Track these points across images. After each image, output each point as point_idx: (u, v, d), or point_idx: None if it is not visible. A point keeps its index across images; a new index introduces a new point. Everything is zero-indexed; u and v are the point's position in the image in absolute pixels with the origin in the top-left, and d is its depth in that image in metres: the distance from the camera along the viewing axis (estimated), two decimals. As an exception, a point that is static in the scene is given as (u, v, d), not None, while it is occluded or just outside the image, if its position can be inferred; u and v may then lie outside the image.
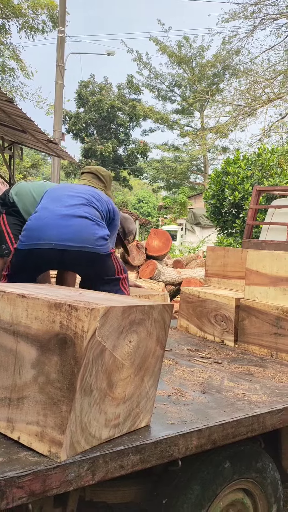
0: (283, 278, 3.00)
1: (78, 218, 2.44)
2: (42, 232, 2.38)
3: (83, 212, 2.47)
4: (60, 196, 2.58)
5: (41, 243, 2.36)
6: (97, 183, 2.96)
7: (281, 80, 18.07)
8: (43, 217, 2.44)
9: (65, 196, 2.58)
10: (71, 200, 2.53)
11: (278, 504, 2.14)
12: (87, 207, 2.52)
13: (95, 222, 2.50)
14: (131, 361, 1.54)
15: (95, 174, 3.00)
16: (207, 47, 22.71)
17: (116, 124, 25.31)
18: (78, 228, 2.41)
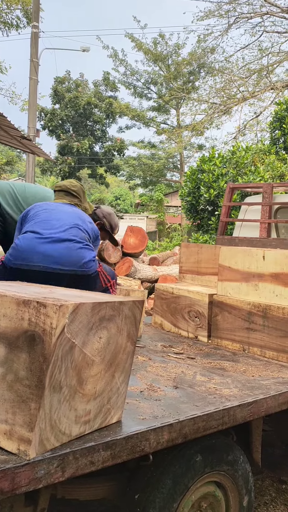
0: (254, 274, 3.05)
1: (66, 241, 2.50)
2: (30, 254, 2.43)
3: (71, 235, 2.54)
4: (48, 219, 2.62)
5: (30, 264, 2.43)
6: (70, 199, 2.97)
7: (255, 79, 18.30)
8: (32, 239, 2.49)
9: (53, 219, 2.62)
10: (59, 223, 2.59)
11: (249, 495, 2.18)
12: (75, 229, 2.59)
13: (83, 244, 2.57)
14: (102, 357, 1.54)
15: (66, 191, 3.00)
16: (183, 45, 22.77)
17: (93, 121, 25.17)
18: (67, 252, 2.47)
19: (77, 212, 2.81)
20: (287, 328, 2.79)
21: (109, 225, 3.45)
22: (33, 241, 2.48)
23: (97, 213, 3.47)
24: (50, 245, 2.47)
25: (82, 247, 2.57)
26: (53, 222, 2.60)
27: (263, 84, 18.22)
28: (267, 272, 2.98)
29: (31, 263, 2.43)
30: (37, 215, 2.69)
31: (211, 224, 9.50)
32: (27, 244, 2.48)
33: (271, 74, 18.65)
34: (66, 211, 2.76)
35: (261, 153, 10.99)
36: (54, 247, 2.47)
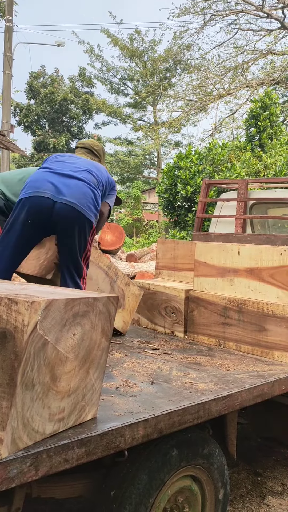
0: (230, 269, 3.07)
1: (76, 179, 2.60)
2: (42, 184, 2.54)
3: (82, 176, 2.63)
4: (62, 161, 2.75)
5: (39, 191, 2.52)
6: (92, 157, 3.05)
7: (231, 77, 18.44)
8: (43, 172, 2.64)
9: (67, 162, 2.74)
10: (72, 165, 2.70)
11: (225, 488, 2.20)
12: (87, 173, 2.67)
13: (91, 187, 2.65)
14: (76, 354, 1.52)
15: (89, 149, 3.09)
16: (159, 42, 22.71)
17: (69, 117, 24.90)
18: (75, 188, 2.56)
19: (94, 163, 2.88)
20: (262, 322, 2.83)
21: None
22: (44, 174, 2.61)
23: None
24: (60, 178, 2.57)
25: (91, 188, 2.64)
26: (66, 163, 2.71)
27: (239, 81, 18.38)
28: (242, 267, 3.01)
29: (39, 190, 2.52)
30: (52, 160, 2.82)
31: (188, 221, 9.54)
32: (38, 175, 2.61)
33: (246, 72, 18.83)
34: (83, 159, 2.86)
35: (237, 150, 11.09)
36: (63, 180, 2.57)
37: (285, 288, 2.79)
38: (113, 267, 3.28)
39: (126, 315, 3.26)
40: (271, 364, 2.65)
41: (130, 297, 3.35)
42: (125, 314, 3.26)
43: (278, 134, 11.36)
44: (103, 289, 3.18)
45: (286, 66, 17.94)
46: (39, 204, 2.50)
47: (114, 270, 3.31)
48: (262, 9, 17.12)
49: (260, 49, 18.84)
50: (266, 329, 2.82)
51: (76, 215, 2.53)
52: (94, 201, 2.64)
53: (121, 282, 3.31)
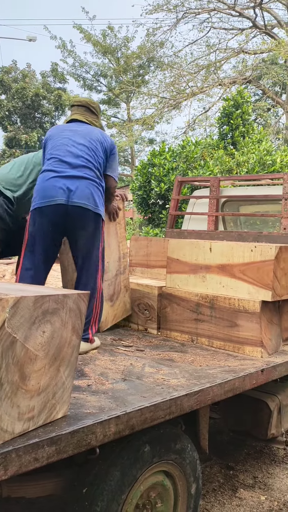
0: (202, 265, 3.10)
1: (81, 179, 2.68)
2: (53, 191, 2.63)
3: (85, 174, 2.70)
4: (63, 156, 2.75)
5: (53, 199, 2.62)
6: (90, 115, 3.05)
7: (203, 75, 18.55)
8: (52, 178, 2.68)
9: (68, 156, 2.75)
10: (74, 160, 2.73)
11: (197, 483, 2.22)
12: (89, 170, 2.73)
13: (95, 182, 2.73)
14: (45, 351, 1.51)
15: (86, 107, 3.06)
16: (132, 38, 22.68)
17: (41, 113, 24.61)
18: (81, 188, 2.65)
19: (92, 136, 2.87)
20: (233, 318, 2.86)
21: None
22: (52, 180, 2.67)
23: None
24: (67, 180, 2.65)
25: (95, 184, 2.72)
26: (68, 158, 2.73)
27: (211, 80, 18.52)
28: (214, 264, 3.04)
29: (54, 198, 2.62)
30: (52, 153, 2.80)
31: (162, 218, 9.57)
32: (47, 183, 2.67)
33: (219, 70, 18.99)
34: (80, 141, 2.82)
35: (210, 148, 11.19)
36: (71, 183, 2.65)
37: (255, 284, 2.83)
38: (126, 258, 3.33)
39: (110, 314, 3.26)
40: (242, 359, 2.69)
41: (121, 302, 3.36)
42: (110, 312, 3.26)
43: (250, 133, 11.52)
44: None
45: (258, 65, 18.18)
46: (56, 211, 2.63)
47: (125, 263, 3.34)
48: (234, 8, 17.29)
49: (232, 48, 19.03)
50: (237, 324, 2.85)
51: (89, 213, 2.66)
52: (100, 195, 2.76)
53: (123, 281, 3.35)
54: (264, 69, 17.81)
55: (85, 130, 2.91)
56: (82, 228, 2.70)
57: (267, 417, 2.88)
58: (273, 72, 17.26)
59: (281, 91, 19.82)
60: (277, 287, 2.82)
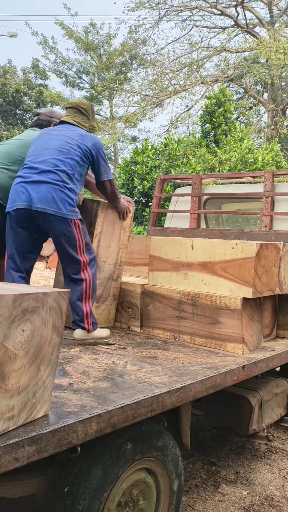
0: (184, 263, 3.11)
1: (44, 184, 2.71)
2: (18, 196, 2.72)
3: (49, 178, 2.73)
4: (33, 160, 2.82)
5: (19, 203, 2.72)
6: (79, 116, 3.06)
7: (186, 73, 18.59)
8: (16, 184, 2.79)
9: (37, 162, 2.80)
10: (43, 163, 2.77)
11: (179, 479, 2.23)
12: (54, 174, 2.74)
13: (59, 186, 2.73)
14: (25, 350, 1.49)
15: (76, 108, 3.09)
16: (114, 35, 22.56)
17: (23, 109, 24.32)
18: (43, 193, 2.69)
19: (66, 139, 2.88)
20: (215, 315, 2.88)
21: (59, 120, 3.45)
22: (18, 186, 2.77)
23: (44, 120, 3.48)
24: (30, 186, 2.72)
25: (58, 188, 2.73)
26: (36, 164, 2.79)
27: (194, 78, 18.58)
28: (196, 261, 3.05)
29: (19, 202, 2.71)
30: (29, 154, 2.91)
31: (145, 216, 9.58)
32: (14, 188, 2.78)
33: (201, 68, 19.05)
34: (52, 146, 2.84)
35: (193, 146, 11.23)
36: (33, 188, 2.71)
37: (237, 281, 2.85)
38: (122, 267, 3.40)
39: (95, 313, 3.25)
40: (224, 356, 2.71)
41: (106, 309, 3.35)
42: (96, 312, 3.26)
43: (232, 131, 11.60)
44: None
45: (240, 64, 18.30)
46: (21, 215, 2.73)
47: (119, 271, 3.36)
48: (216, 7, 17.37)
49: (215, 46, 19.13)
50: (219, 321, 2.87)
51: (52, 218, 2.69)
52: (65, 197, 2.74)
53: (113, 288, 3.37)
54: (246, 68, 17.94)
55: (64, 133, 2.92)
56: (51, 231, 2.78)
57: (248, 413, 2.91)
58: (254, 70, 17.39)
59: (263, 89, 19.99)
60: (258, 284, 2.84)
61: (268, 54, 15.56)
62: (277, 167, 10.30)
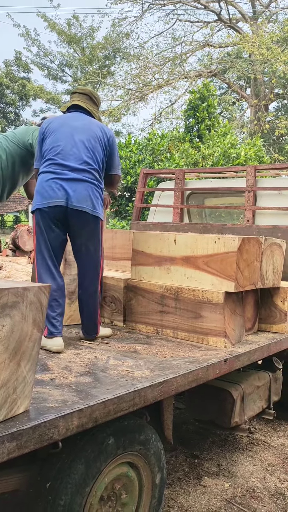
0: (166, 257, 3.11)
1: (81, 182, 2.69)
2: (54, 192, 2.65)
3: (85, 177, 2.71)
4: (63, 156, 2.73)
5: (54, 200, 2.65)
6: (91, 105, 3.00)
7: (169, 67, 18.57)
8: (51, 180, 2.69)
9: (68, 154, 2.73)
10: (77, 163, 2.72)
11: (162, 473, 2.24)
12: (88, 173, 2.73)
13: (94, 184, 2.74)
14: (5, 346, 1.47)
15: (89, 96, 3.01)
16: (97, 28, 22.41)
17: (5, 103, 24.02)
18: (80, 191, 2.67)
19: (91, 134, 2.82)
20: (197, 309, 2.89)
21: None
22: (51, 182, 2.68)
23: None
24: (67, 183, 2.67)
25: (93, 187, 2.74)
26: (67, 160, 2.72)
27: (177, 72, 18.57)
28: (179, 256, 3.05)
29: (55, 199, 2.64)
30: (54, 149, 2.77)
31: (128, 210, 9.56)
32: (47, 184, 2.69)
33: (185, 63, 19.05)
34: (80, 141, 2.78)
35: (176, 141, 11.23)
36: (70, 185, 2.66)
37: (219, 275, 2.87)
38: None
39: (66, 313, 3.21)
40: (206, 350, 2.72)
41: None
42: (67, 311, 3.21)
43: (215, 126, 11.62)
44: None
45: (223, 59, 18.33)
46: (56, 212, 2.66)
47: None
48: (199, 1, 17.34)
49: (198, 41, 19.12)
50: (201, 315, 2.88)
51: (87, 216, 2.69)
52: (98, 196, 2.78)
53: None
54: (229, 63, 18.00)
55: (85, 126, 2.83)
56: (81, 230, 2.73)
57: (230, 406, 2.94)
58: (237, 66, 17.45)
59: (246, 85, 20.09)
60: (240, 278, 2.86)
61: (251, 49, 15.63)
62: (259, 162, 10.38)
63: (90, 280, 2.81)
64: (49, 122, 2.88)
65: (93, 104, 3.02)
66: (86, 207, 2.67)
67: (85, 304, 2.83)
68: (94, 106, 3.02)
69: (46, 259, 2.71)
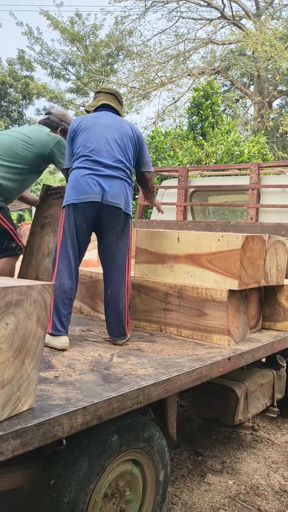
0: (170, 255, 3.11)
1: (116, 179, 2.72)
2: (90, 188, 2.66)
3: (118, 174, 2.74)
4: (97, 153, 2.73)
5: (90, 196, 2.65)
6: (117, 104, 3.01)
7: (173, 65, 18.52)
8: (87, 175, 2.69)
9: (102, 151, 2.74)
10: (111, 160, 2.73)
11: (166, 470, 2.25)
12: (122, 171, 2.77)
13: (127, 182, 2.79)
14: (9, 344, 1.48)
15: (115, 95, 3.03)
16: (100, 26, 22.32)
17: (8, 101, 24.01)
18: (116, 188, 2.70)
19: (123, 132, 2.84)
20: (201, 307, 2.89)
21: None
22: (85, 177, 2.69)
23: (54, 121, 3.45)
24: (103, 179, 2.68)
25: (126, 185, 2.78)
26: (101, 157, 2.73)
27: (181, 70, 18.52)
28: (182, 254, 3.05)
29: (91, 195, 2.65)
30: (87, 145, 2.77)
31: (132, 208, 9.55)
32: (83, 179, 2.69)
33: (188, 60, 19.00)
34: (113, 139, 2.79)
35: (180, 139, 11.21)
36: (106, 182, 2.68)
37: (222, 273, 2.87)
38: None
39: None
40: (210, 348, 2.73)
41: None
42: None
43: (219, 123, 11.59)
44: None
45: (226, 56, 18.27)
46: (91, 208, 2.67)
47: None
48: (202, -2, 17.28)
49: (201, 38, 19.06)
50: (205, 313, 2.88)
51: (121, 213, 2.72)
52: (130, 195, 2.83)
53: None
54: (233, 60, 17.93)
55: (116, 124, 2.85)
56: (113, 227, 2.74)
57: (234, 403, 2.94)
58: (241, 63, 17.39)
59: (249, 82, 20.02)
60: (243, 276, 2.86)
61: (254, 46, 15.57)
62: (263, 159, 10.34)
63: (120, 279, 2.78)
64: (79, 120, 2.88)
65: (119, 103, 3.04)
66: (120, 204, 2.70)
67: (114, 305, 2.77)
68: (120, 106, 3.04)
69: (70, 255, 2.69)
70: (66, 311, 2.63)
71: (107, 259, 2.81)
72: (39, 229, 3.26)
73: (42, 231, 3.23)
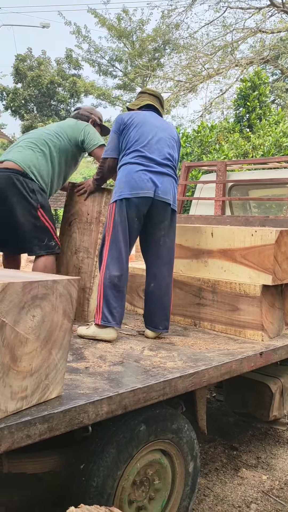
0: (204, 250, 3.13)
1: (166, 176, 2.82)
2: (144, 183, 2.74)
3: (168, 171, 2.85)
4: (149, 150, 2.81)
5: (143, 191, 2.73)
6: (160, 107, 3.13)
7: (220, 56, 18.22)
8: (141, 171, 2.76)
9: (153, 149, 2.82)
10: (160, 157, 2.83)
11: (195, 461, 2.29)
12: (171, 169, 2.88)
13: (175, 180, 2.92)
14: (36, 335, 1.58)
15: (158, 98, 3.14)
16: (147, 21, 22.36)
17: (57, 100, 24.61)
18: (166, 185, 2.80)
19: (170, 133, 2.96)
20: (235, 302, 2.89)
21: (99, 119, 3.61)
22: (139, 173, 2.76)
23: (83, 114, 3.54)
24: (156, 176, 2.77)
25: (174, 183, 2.90)
26: (153, 154, 2.82)
27: (228, 61, 18.19)
28: (216, 249, 3.06)
29: (144, 190, 2.73)
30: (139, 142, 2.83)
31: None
32: (138, 175, 2.76)
33: (236, 50, 18.61)
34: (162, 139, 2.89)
35: (226, 131, 11.05)
36: (158, 178, 2.77)
37: (256, 268, 2.85)
38: None
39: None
40: (242, 343, 2.73)
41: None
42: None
43: (267, 115, 11.31)
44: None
45: (276, 45, 17.75)
46: (144, 203, 2.75)
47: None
48: (250, -14, 16.84)
49: (249, 28, 18.59)
50: (238, 308, 2.88)
51: (169, 209, 2.82)
52: (176, 191, 2.94)
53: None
54: (282, 48, 17.40)
55: (163, 125, 2.96)
56: (162, 223, 2.83)
57: (269, 399, 2.92)
58: (291, 51, 16.82)
59: (300, 70, 19.33)
60: (278, 271, 2.83)
61: (305, 33, 15.00)
62: (312, 151, 9.99)
63: (166, 273, 2.84)
64: (131, 115, 2.93)
65: (161, 106, 3.13)
66: (169, 199, 2.80)
67: (159, 298, 2.82)
68: (162, 109, 3.13)
69: (121, 248, 2.73)
70: (117, 303, 2.68)
71: (154, 253, 2.85)
72: (67, 227, 3.36)
73: (70, 229, 3.34)
